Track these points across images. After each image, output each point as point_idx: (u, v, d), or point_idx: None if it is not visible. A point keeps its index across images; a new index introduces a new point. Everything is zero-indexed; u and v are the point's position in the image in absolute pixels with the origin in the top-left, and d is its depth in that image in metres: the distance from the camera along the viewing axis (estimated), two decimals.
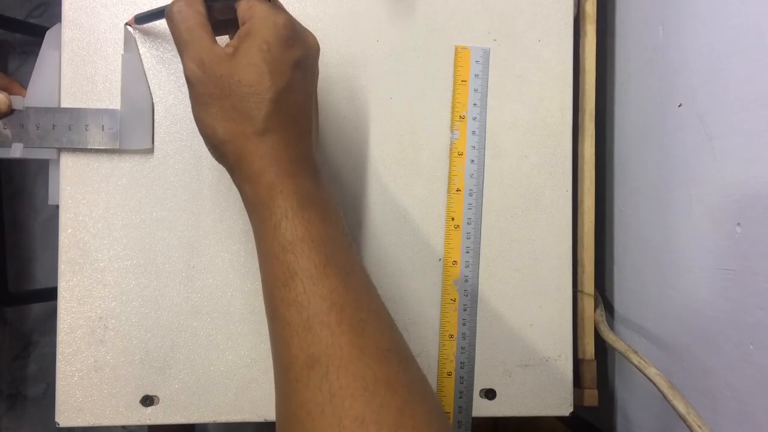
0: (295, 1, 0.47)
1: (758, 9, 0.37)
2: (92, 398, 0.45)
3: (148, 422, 0.45)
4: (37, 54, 0.45)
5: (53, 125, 0.43)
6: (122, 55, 0.45)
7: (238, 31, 0.34)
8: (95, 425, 0.45)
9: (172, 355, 0.45)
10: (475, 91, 0.49)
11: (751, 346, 0.37)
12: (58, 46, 0.45)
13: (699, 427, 0.37)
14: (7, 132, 0.43)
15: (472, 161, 0.49)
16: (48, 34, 0.45)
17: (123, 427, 0.60)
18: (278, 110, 0.33)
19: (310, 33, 0.37)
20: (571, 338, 0.49)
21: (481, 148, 0.49)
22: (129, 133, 0.44)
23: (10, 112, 0.43)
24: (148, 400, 0.45)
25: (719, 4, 0.41)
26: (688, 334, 0.44)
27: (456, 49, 0.49)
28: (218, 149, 0.35)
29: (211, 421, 0.46)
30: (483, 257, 0.49)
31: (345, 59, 0.48)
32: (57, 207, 0.46)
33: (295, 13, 0.47)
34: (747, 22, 0.38)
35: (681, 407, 0.38)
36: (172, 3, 0.35)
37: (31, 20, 1.17)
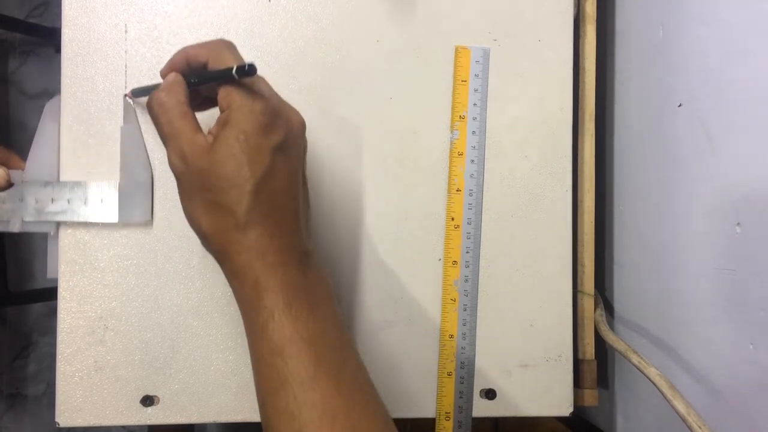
0: (295, 1, 0.47)
1: (758, 9, 0.37)
2: (92, 398, 0.45)
3: (148, 422, 0.45)
4: (36, 54, 0.45)
5: (52, 199, 0.43)
6: (121, 126, 0.45)
7: (218, 117, 0.34)
8: (95, 425, 0.45)
9: (172, 355, 0.45)
10: (475, 91, 0.49)
11: (751, 346, 0.37)
12: (56, 118, 0.45)
13: (699, 427, 0.37)
14: (6, 206, 0.43)
15: (472, 161, 0.49)
16: (47, 107, 0.45)
17: (123, 427, 0.60)
18: (260, 201, 0.33)
19: (293, 110, 0.37)
20: (571, 338, 0.49)
21: (481, 148, 0.49)
22: (128, 206, 0.44)
23: (9, 186, 0.43)
24: (148, 400, 0.45)
25: (719, 4, 0.41)
26: (688, 334, 0.44)
27: (456, 49, 0.49)
28: (204, 241, 0.35)
29: (211, 421, 0.46)
30: (483, 257, 0.49)
31: (345, 59, 0.48)
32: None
33: (295, 13, 0.47)
34: (747, 22, 0.38)
35: (681, 407, 0.38)
36: (152, 94, 0.35)
37: (31, 20, 1.17)
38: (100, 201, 0.43)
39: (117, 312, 0.45)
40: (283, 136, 0.34)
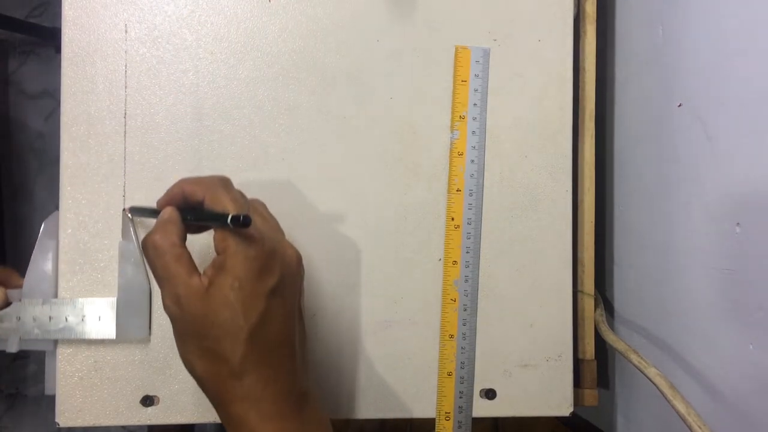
0: (295, 1, 0.47)
1: (758, 9, 0.37)
2: (92, 398, 0.45)
3: (148, 422, 0.45)
4: (37, 54, 0.45)
5: (49, 317, 0.43)
6: (119, 242, 0.44)
7: (214, 259, 0.34)
8: (95, 425, 0.45)
9: (172, 355, 0.45)
10: (475, 91, 0.49)
11: (751, 346, 0.37)
12: (54, 236, 0.45)
13: (699, 427, 0.37)
14: (4, 325, 0.43)
15: (472, 161, 0.49)
16: (44, 224, 0.45)
17: (123, 427, 0.60)
18: (255, 349, 0.33)
19: (288, 247, 0.36)
20: (571, 338, 0.49)
21: (481, 148, 0.49)
22: (126, 323, 0.44)
23: (7, 305, 0.43)
24: (148, 400, 0.45)
25: (719, 4, 0.41)
26: (688, 334, 0.44)
27: (456, 49, 0.49)
28: (199, 384, 0.35)
29: (211, 421, 0.46)
30: (483, 257, 0.49)
31: (345, 59, 0.48)
32: (57, 207, 0.46)
33: (295, 13, 0.47)
34: (747, 22, 0.38)
35: (681, 407, 0.38)
36: (147, 236, 0.35)
37: (31, 20, 1.17)
38: (98, 319, 0.43)
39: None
40: (278, 279, 0.34)
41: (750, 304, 0.37)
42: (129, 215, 0.44)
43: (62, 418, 0.45)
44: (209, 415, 0.46)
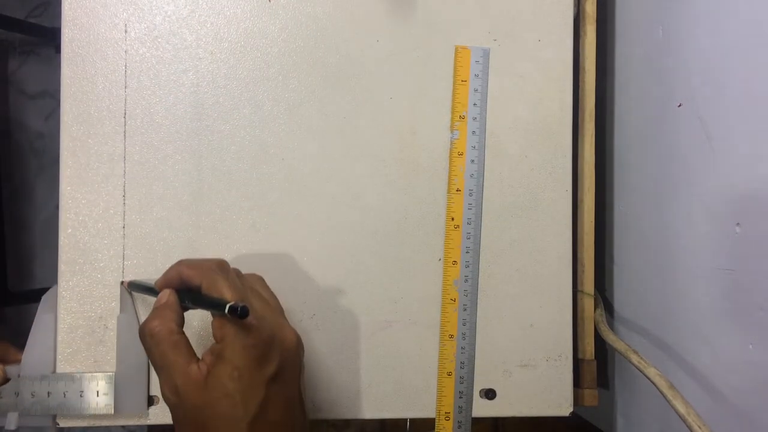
0: (295, 1, 0.47)
1: (758, 9, 0.37)
2: None
3: (148, 422, 0.45)
4: (37, 54, 0.45)
5: (48, 392, 0.43)
6: (118, 316, 0.44)
7: (213, 347, 0.34)
8: (95, 425, 0.45)
9: None
10: (475, 91, 0.49)
11: (751, 347, 0.37)
12: (53, 311, 0.45)
13: (699, 427, 0.37)
14: (2, 401, 0.42)
15: (472, 161, 0.49)
16: (43, 299, 0.45)
17: (123, 426, 0.60)
18: None
19: (287, 330, 0.36)
20: (571, 338, 0.49)
21: (481, 148, 0.49)
22: (124, 397, 0.44)
23: (5, 381, 0.43)
24: (148, 400, 0.45)
25: (719, 4, 0.41)
26: (688, 334, 0.44)
27: (456, 49, 0.49)
28: None
29: None
30: (483, 257, 0.49)
31: (345, 59, 0.48)
32: (57, 207, 0.46)
33: (295, 13, 0.47)
34: (747, 22, 0.38)
35: (681, 407, 0.38)
36: (144, 323, 0.35)
37: (31, 20, 1.17)
38: (96, 394, 0.43)
39: (117, 312, 0.45)
40: (277, 365, 0.34)
41: (750, 304, 0.37)
42: (127, 289, 0.44)
43: (62, 418, 0.45)
44: None
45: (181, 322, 0.36)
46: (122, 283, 0.45)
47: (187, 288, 0.37)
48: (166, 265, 0.45)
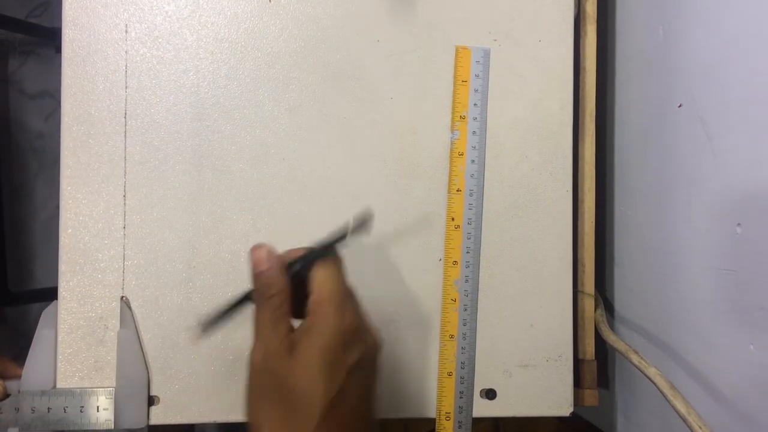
0: (296, 1, 0.47)
1: (758, 9, 0.37)
2: None
3: (148, 422, 0.45)
4: (37, 54, 0.45)
5: (48, 408, 0.43)
6: (119, 331, 0.44)
7: (302, 323, 0.34)
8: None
9: (173, 356, 0.45)
10: (476, 91, 0.49)
11: (752, 347, 0.37)
12: (53, 326, 0.45)
13: (699, 427, 0.37)
14: (3, 417, 0.42)
15: (473, 161, 0.49)
16: (43, 315, 0.45)
17: None
18: (328, 421, 0.32)
19: (373, 331, 0.36)
20: (572, 338, 0.49)
21: (481, 148, 0.49)
22: (124, 412, 0.44)
23: (6, 397, 0.43)
24: (148, 401, 0.45)
25: (719, 4, 0.41)
26: (688, 334, 0.44)
27: (456, 49, 0.49)
28: None
29: (211, 421, 0.46)
30: (483, 257, 0.49)
31: (345, 59, 0.48)
32: (57, 207, 0.46)
33: (295, 13, 0.47)
34: (747, 22, 0.38)
35: (681, 407, 0.38)
36: (263, 278, 0.35)
37: (31, 20, 1.17)
38: (96, 409, 0.43)
39: (117, 312, 0.45)
40: (359, 356, 0.34)
41: (751, 305, 0.37)
42: (126, 303, 0.44)
43: None
44: (209, 415, 0.46)
45: (289, 292, 0.35)
46: (122, 298, 0.45)
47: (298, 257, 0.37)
48: (167, 265, 0.46)
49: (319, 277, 0.35)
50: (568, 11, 0.50)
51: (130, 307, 0.45)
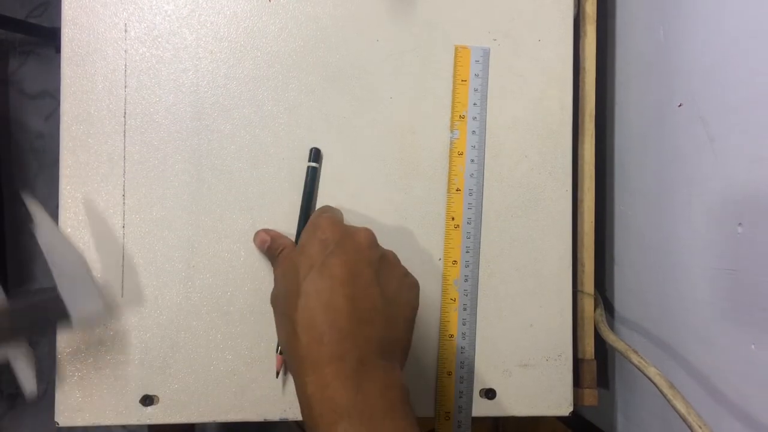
0: (295, 1, 0.47)
1: (758, 9, 0.37)
2: (92, 398, 0.45)
3: (148, 422, 0.45)
4: (37, 54, 0.45)
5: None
6: (37, 231, 0.41)
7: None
8: (95, 425, 0.45)
9: (172, 355, 0.45)
10: (475, 90, 0.49)
11: (753, 347, 0.37)
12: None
13: (699, 427, 0.37)
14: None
15: (472, 161, 0.49)
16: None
17: (123, 426, 0.60)
18: (301, 306, 0.35)
19: (361, 231, 0.40)
20: (571, 338, 0.49)
21: (481, 147, 0.49)
22: (76, 305, 0.41)
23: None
24: (148, 400, 0.45)
25: (719, 4, 0.41)
26: (688, 334, 0.44)
27: (456, 48, 0.49)
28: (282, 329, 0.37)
29: (211, 421, 0.46)
30: (483, 257, 0.49)
31: (345, 59, 0.48)
32: (57, 206, 0.46)
33: (295, 13, 0.47)
34: (746, 23, 0.38)
35: (681, 407, 0.38)
36: (268, 242, 0.44)
37: (31, 20, 1.17)
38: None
39: (117, 311, 0.45)
40: (336, 242, 0.37)
41: (751, 305, 0.37)
42: (29, 200, 0.41)
43: (62, 418, 0.45)
44: (209, 414, 0.46)
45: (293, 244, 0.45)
46: (25, 197, 0.43)
47: None
48: (166, 264, 0.46)
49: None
50: (567, 11, 0.50)
51: (38, 203, 0.41)
